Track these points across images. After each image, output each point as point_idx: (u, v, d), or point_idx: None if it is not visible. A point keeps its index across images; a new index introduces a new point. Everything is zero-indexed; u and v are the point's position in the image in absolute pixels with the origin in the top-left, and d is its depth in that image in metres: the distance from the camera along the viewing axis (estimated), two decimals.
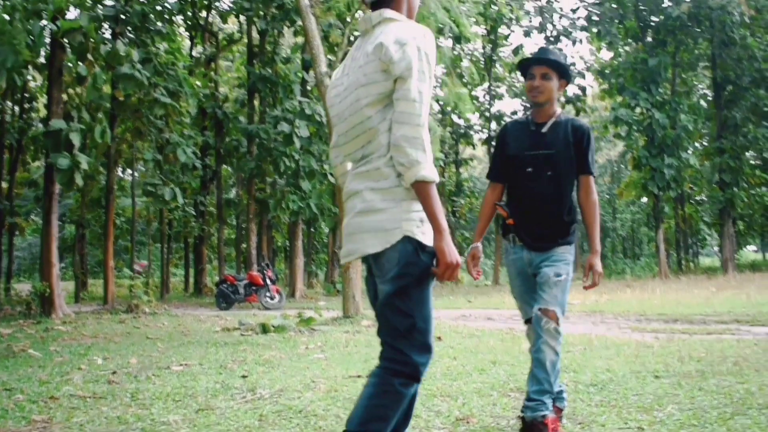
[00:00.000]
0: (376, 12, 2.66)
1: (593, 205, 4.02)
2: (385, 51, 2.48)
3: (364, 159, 2.63)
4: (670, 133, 31.59)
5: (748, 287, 20.66)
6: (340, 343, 9.29)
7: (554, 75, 3.95)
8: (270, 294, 20.60)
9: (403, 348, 2.56)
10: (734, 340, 8.28)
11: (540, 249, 3.95)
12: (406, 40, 2.49)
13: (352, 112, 2.63)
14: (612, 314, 13.98)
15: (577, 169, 4.00)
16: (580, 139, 3.97)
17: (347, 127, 2.68)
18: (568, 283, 3.89)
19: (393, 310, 2.54)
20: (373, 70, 2.53)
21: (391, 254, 2.51)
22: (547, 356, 3.76)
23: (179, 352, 8.65)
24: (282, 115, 22.38)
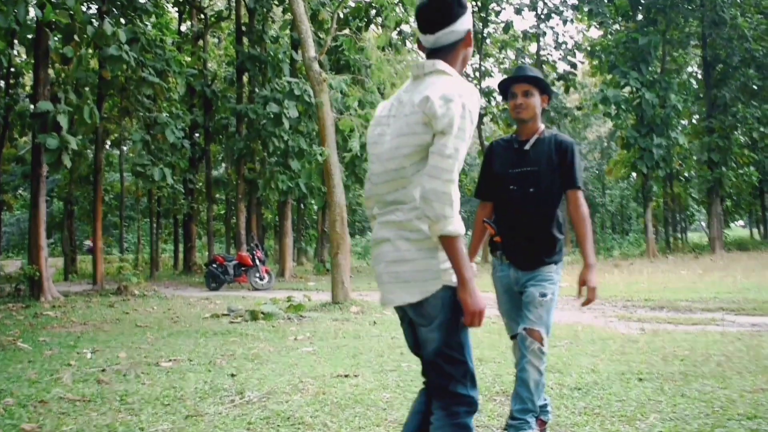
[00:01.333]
0: (429, 61, 2.78)
1: (583, 219, 4.01)
2: (430, 105, 2.57)
3: (392, 205, 2.75)
4: (659, 112, 31.59)
5: (735, 269, 20.83)
6: (329, 333, 9.35)
7: (536, 91, 3.98)
8: (259, 274, 20.63)
9: (461, 390, 2.73)
10: (719, 333, 8.37)
11: (526, 267, 3.99)
12: (452, 96, 2.58)
13: (390, 158, 2.73)
14: (599, 299, 14.04)
15: (564, 185, 4.01)
16: (563, 155, 3.98)
17: (382, 170, 2.79)
18: (553, 302, 3.93)
19: (448, 360, 2.71)
20: (415, 121, 2.63)
21: (434, 302, 2.65)
22: (531, 376, 3.81)
23: (168, 343, 8.68)
24: (271, 95, 22.23)
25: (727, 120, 34.23)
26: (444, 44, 2.79)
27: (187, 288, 22.53)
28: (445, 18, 2.76)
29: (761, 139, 36.80)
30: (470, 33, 2.84)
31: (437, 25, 2.77)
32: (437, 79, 2.70)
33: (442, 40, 2.78)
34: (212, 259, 21.98)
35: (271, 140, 22.67)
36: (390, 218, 2.74)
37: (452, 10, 2.76)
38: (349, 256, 13.59)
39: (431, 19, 2.77)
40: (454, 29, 2.77)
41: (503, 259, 4.07)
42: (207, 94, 27.41)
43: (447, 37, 2.78)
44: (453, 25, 2.77)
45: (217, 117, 28.02)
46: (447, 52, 2.80)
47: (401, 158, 2.67)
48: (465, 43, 2.83)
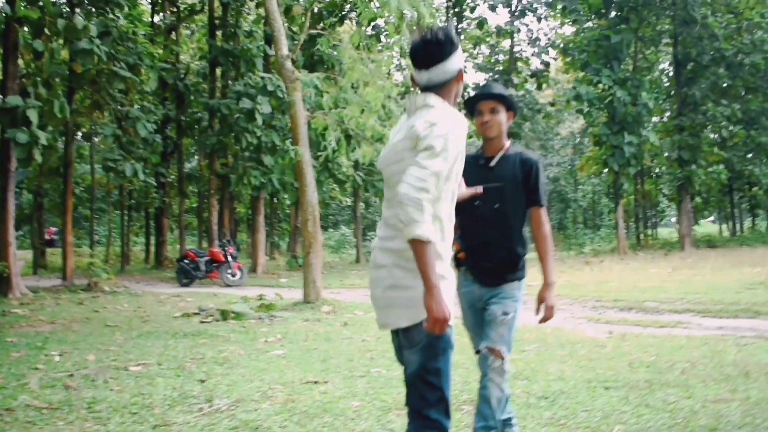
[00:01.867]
0: (421, 96, 2.98)
1: (545, 238, 4.04)
2: (414, 129, 2.83)
3: (392, 231, 2.92)
4: (630, 110, 31.85)
5: (703, 267, 21.11)
6: (300, 335, 9.36)
7: (502, 108, 3.99)
8: (231, 271, 20.57)
9: (433, 415, 2.88)
10: (685, 337, 8.49)
11: (490, 284, 4.01)
12: (437, 121, 2.81)
13: (389, 186, 2.99)
14: (569, 299, 14.18)
15: (528, 202, 4.04)
16: (528, 172, 3.99)
17: (387, 195, 3.04)
18: (515, 320, 3.96)
19: (425, 384, 2.88)
20: (403, 147, 2.89)
21: (420, 328, 2.81)
22: (493, 393, 3.84)
23: (138, 345, 8.64)
24: (244, 91, 22.14)
25: (698, 118, 34.64)
26: (437, 82, 2.97)
27: (159, 283, 22.41)
28: (438, 57, 2.94)
29: (730, 137, 37.27)
30: (462, 71, 3.03)
31: (430, 63, 2.95)
32: (427, 111, 2.89)
33: (435, 78, 2.96)
34: (184, 255, 21.87)
35: (243, 136, 22.60)
36: (389, 245, 2.91)
37: (444, 50, 2.94)
38: (322, 255, 13.61)
39: (425, 58, 2.96)
40: (447, 68, 2.96)
41: (467, 275, 4.10)
42: (179, 88, 27.21)
43: (439, 75, 2.96)
44: (445, 64, 2.95)
45: (190, 111, 27.85)
46: (440, 89, 2.98)
47: (397, 185, 2.80)
48: (457, 80, 3.02)
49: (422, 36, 2.99)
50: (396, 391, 5.81)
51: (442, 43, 2.94)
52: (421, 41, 2.98)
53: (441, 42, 2.94)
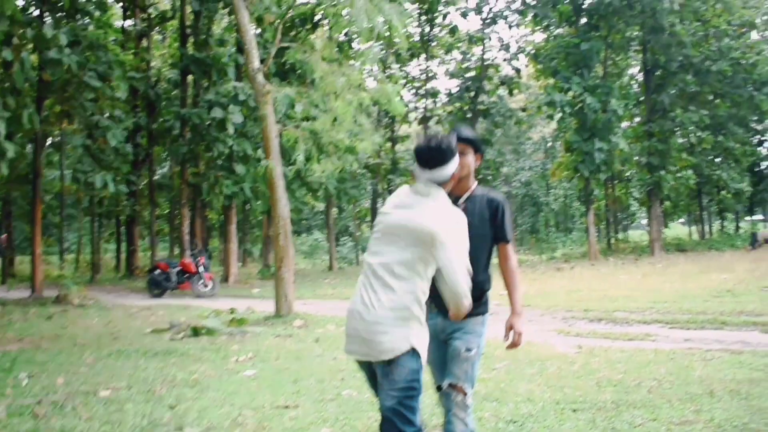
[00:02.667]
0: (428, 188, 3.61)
1: (512, 271, 4.13)
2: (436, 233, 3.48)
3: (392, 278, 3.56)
4: (601, 116, 32.17)
5: (673, 273, 21.39)
6: (271, 353, 9.34)
7: (471, 150, 4.10)
8: (203, 281, 20.48)
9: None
10: (652, 351, 8.60)
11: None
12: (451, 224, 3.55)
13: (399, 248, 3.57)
14: (540, 309, 14.31)
15: (495, 239, 4.10)
16: (495, 212, 4.10)
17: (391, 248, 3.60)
18: (478, 356, 4.01)
19: (401, 419, 3.41)
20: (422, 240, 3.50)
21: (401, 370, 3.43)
22: (458, 428, 3.89)
23: (108, 366, 8.59)
24: (215, 99, 22.08)
25: (666, 124, 35.09)
26: (436, 180, 3.61)
27: (129, 294, 22.25)
28: (440, 162, 3.59)
29: (699, 143, 37.76)
30: (456, 174, 3.70)
31: (433, 166, 3.60)
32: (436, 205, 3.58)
33: (435, 178, 3.61)
34: (155, 266, 21.71)
35: (215, 145, 22.53)
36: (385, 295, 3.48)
37: (446, 158, 3.60)
38: (293, 268, 13.59)
39: (428, 161, 3.60)
40: (446, 171, 3.63)
41: (432, 307, 4.14)
42: (150, 96, 27.07)
43: (439, 176, 3.62)
44: (446, 167, 3.62)
45: (161, 119, 27.68)
46: (440, 183, 3.63)
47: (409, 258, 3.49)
48: (453, 177, 3.69)
49: (428, 142, 3.64)
50: (366, 415, 5.85)
51: (444, 152, 3.60)
52: (426, 147, 3.62)
53: (444, 151, 3.60)
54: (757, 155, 46.85)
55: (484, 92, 36.78)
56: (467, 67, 38.16)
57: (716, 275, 19.69)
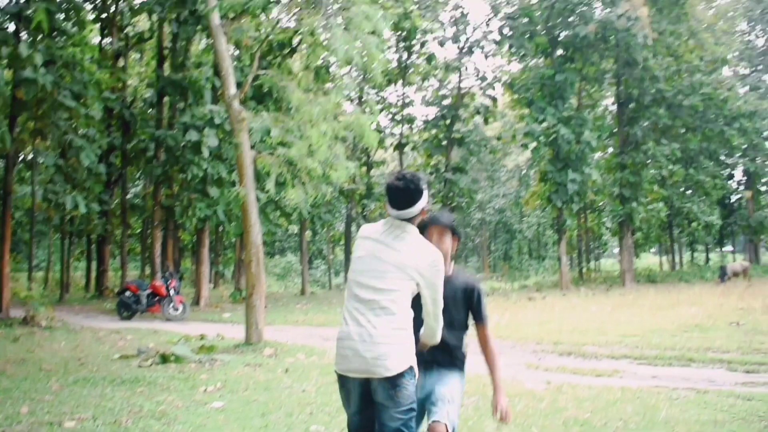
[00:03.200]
0: (404, 224, 3.90)
1: (492, 351, 4.35)
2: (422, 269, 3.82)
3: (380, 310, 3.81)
4: (574, 148, 32.56)
5: (643, 306, 21.56)
6: (240, 384, 9.28)
7: (448, 234, 4.30)
8: (173, 305, 20.33)
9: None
10: (620, 389, 8.66)
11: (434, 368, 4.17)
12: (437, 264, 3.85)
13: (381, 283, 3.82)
14: (511, 341, 14.40)
15: (473, 318, 4.33)
16: (470, 296, 4.30)
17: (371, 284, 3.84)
18: (459, 405, 4.11)
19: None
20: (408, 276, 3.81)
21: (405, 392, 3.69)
22: None
23: (73, 394, 8.48)
24: (191, 122, 22.02)
25: (638, 157, 35.58)
26: (405, 218, 3.89)
27: (98, 316, 22.03)
28: (410, 203, 3.87)
29: (670, 176, 38.30)
30: (424, 209, 3.95)
31: (402, 207, 3.88)
32: (414, 241, 3.89)
33: (404, 215, 3.89)
34: (125, 287, 21.49)
35: (189, 167, 22.44)
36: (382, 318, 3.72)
37: (415, 199, 3.88)
38: (264, 295, 13.54)
39: (399, 202, 3.88)
40: (414, 210, 3.90)
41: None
42: (125, 116, 26.95)
43: (408, 213, 3.89)
44: (414, 207, 3.89)
45: (136, 140, 27.56)
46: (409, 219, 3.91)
47: (392, 290, 3.77)
48: (421, 214, 3.96)
49: (398, 182, 3.88)
50: None
51: (412, 194, 3.86)
52: (395, 188, 3.87)
53: (412, 192, 3.86)
54: (727, 188, 47.57)
55: (459, 120, 37.05)
56: (443, 95, 38.46)
57: (685, 309, 19.88)
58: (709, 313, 18.44)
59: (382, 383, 3.64)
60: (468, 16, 36.63)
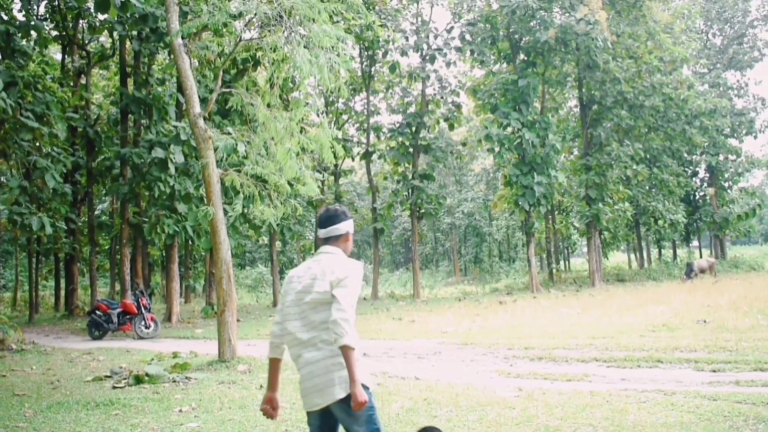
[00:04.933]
0: (325, 247, 4.42)
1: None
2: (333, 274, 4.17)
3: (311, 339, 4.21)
4: (539, 151, 32.95)
5: (611, 306, 21.89)
6: (215, 403, 9.31)
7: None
8: (145, 323, 20.24)
9: None
10: (589, 394, 8.82)
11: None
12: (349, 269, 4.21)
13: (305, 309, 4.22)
14: (482, 347, 14.57)
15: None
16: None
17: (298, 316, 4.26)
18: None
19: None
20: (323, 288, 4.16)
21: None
22: None
23: (48, 420, 8.46)
24: (156, 140, 21.95)
25: (603, 158, 36.06)
26: (331, 236, 4.43)
27: (69, 336, 21.87)
28: (333, 221, 4.45)
29: (635, 176, 38.83)
30: (349, 233, 4.50)
31: (327, 224, 4.44)
32: (332, 258, 4.31)
33: (330, 233, 4.44)
34: (95, 307, 21.35)
35: (156, 184, 22.36)
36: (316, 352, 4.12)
37: (338, 217, 4.46)
38: (235, 312, 13.55)
39: (324, 221, 4.46)
40: (338, 227, 4.45)
41: None
42: (90, 135, 26.79)
43: (333, 232, 4.44)
44: (337, 225, 4.45)
45: (101, 158, 27.38)
46: (334, 241, 4.44)
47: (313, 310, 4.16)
48: (345, 238, 4.49)
49: (326, 208, 4.54)
50: None
51: (337, 213, 4.48)
52: (324, 211, 4.51)
53: (337, 212, 4.48)
54: (691, 186, 48.32)
55: (425, 127, 37.26)
56: (408, 103, 38.66)
57: (653, 307, 20.24)
58: (677, 311, 18.78)
59: (337, 404, 4.05)
60: (429, 24, 36.87)
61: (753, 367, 10.37)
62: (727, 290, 24.73)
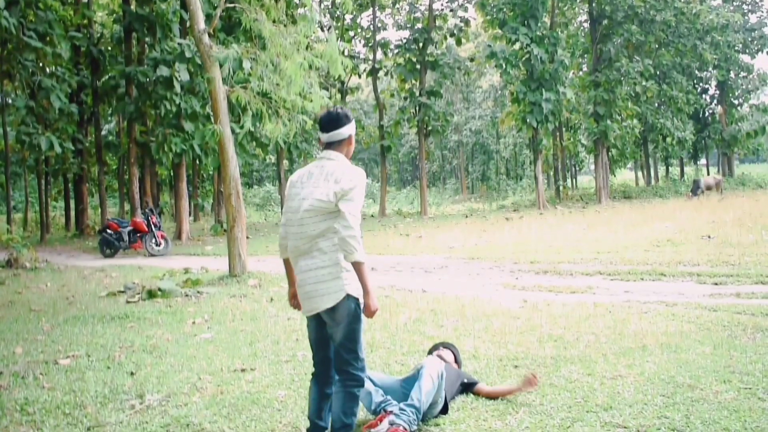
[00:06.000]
0: (327, 152, 4.35)
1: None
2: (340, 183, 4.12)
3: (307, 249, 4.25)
4: (548, 67, 32.57)
5: (617, 222, 22.03)
6: (227, 314, 9.56)
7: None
8: (155, 240, 20.51)
9: (352, 371, 4.25)
10: (592, 305, 9.01)
11: None
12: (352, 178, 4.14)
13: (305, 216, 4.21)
14: (488, 261, 14.78)
15: None
16: None
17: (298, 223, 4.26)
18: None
19: (346, 350, 4.21)
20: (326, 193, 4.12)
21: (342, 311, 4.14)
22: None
23: (65, 333, 8.71)
24: (161, 57, 21.79)
25: (612, 74, 35.67)
26: (334, 140, 4.35)
27: (81, 255, 22.19)
28: (335, 125, 4.35)
29: (644, 92, 38.46)
30: (352, 136, 4.44)
31: (330, 128, 4.35)
32: (335, 165, 4.26)
33: (333, 138, 4.35)
34: (106, 225, 21.60)
35: (162, 103, 22.31)
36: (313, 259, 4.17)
37: (340, 121, 4.36)
38: (245, 227, 13.74)
39: (326, 125, 4.36)
40: (341, 132, 4.36)
41: None
42: (94, 54, 26.58)
43: (336, 136, 4.36)
44: (340, 130, 4.36)
45: (106, 77, 27.23)
46: (337, 146, 4.37)
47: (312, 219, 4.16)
48: (347, 142, 4.42)
49: (327, 111, 4.43)
50: None
51: (339, 116, 4.37)
52: (325, 115, 4.41)
53: (339, 116, 4.37)
54: (700, 103, 47.86)
55: (432, 43, 36.81)
56: (416, 18, 38.08)
57: (659, 224, 20.37)
58: (682, 227, 18.90)
59: (325, 312, 4.18)
60: None
61: (754, 280, 10.55)
62: (733, 207, 24.81)
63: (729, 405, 4.93)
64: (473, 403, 5.30)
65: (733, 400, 5.04)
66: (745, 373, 5.66)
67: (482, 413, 5.07)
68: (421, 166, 39.39)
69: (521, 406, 5.14)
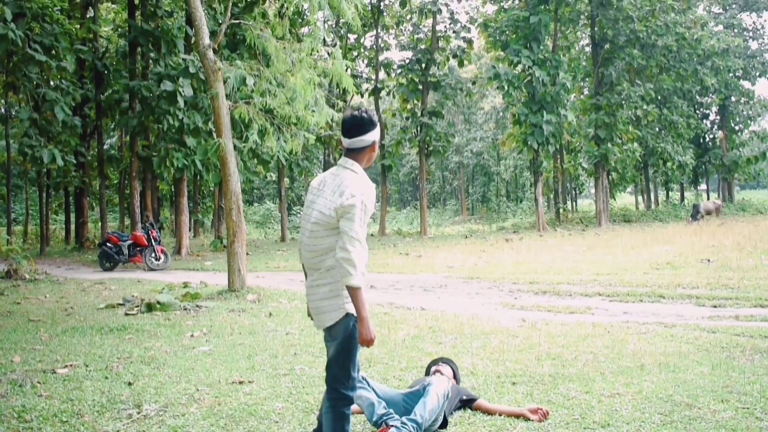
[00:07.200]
0: (346, 160, 4.11)
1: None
2: (340, 199, 3.91)
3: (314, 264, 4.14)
4: (549, 90, 32.73)
5: (617, 245, 22.04)
6: (225, 328, 9.56)
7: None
8: (155, 255, 20.51)
9: (342, 390, 4.10)
10: (591, 324, 9.02)
11: None
12: (355, 192, 3.91)
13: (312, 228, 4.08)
14: (488, 281, 14.78)
15: None
16: None
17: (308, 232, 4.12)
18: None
19: (338, 366, 4.09)
20: (329, 207, 3.97)
21: (339, 328, 4.04)
22: None
23: (63, 343, 8.71)
24: (165, 72, 21.89)
25: (613, 98, 35.83)
26: (356, 147, 4.09)
27: (80, 267, 22.19)
28: (359, 131, 4.06)
29: (644, 116, 38.62)
30: (375, 143, 4.13)
31: (353, 133, 4.06)
32: (348, 177, 4.01)
33: (356, 144, 4.08)
34: (106, 239, 21.62)
35: (165, 117, 22.39)
36: (318, 276, 4.08)
37: (365, 127, 4.07)
38: (245, 242, 13.76)
39: (350, 129, 4.07)
40: (365, 139, 4.07)
41: None
42: (98, 67, 26.71)
43: (359, 143, 4.08)
44: (364, 136, 4.07)
45: (110, 91, 27.35)
46: (358, 153, 4.10)
47: (316, 233, 4.03)
48: (371, 149, 4.13)
49: (352, 113, 4.11)
50: (317, 390, 6.12)
51: (363, 122, 4.06)
52: (349, 117, 4.10)
53: (364, 120, 4.07)
54: (701, 128, 48.03)
55: (435, 64, 36.99)
56: (419, 39, 38.29)
57: (658, 247, 20.41)
58: (681, 251, 18.93)
59: (326, 329, 4.14)
60: None
61: (753, 303, 10.57)
62: (733, 232, 24.86)
63: (726, 424, 4.94)
64: (471, 419, 5.30)
65: (730, 419, 5.05)
66: (743, 393, 5.67)
67: (480, 428, 5.07)
68: (421, 186, 39.45)
69: (519, 422, 5.14)
